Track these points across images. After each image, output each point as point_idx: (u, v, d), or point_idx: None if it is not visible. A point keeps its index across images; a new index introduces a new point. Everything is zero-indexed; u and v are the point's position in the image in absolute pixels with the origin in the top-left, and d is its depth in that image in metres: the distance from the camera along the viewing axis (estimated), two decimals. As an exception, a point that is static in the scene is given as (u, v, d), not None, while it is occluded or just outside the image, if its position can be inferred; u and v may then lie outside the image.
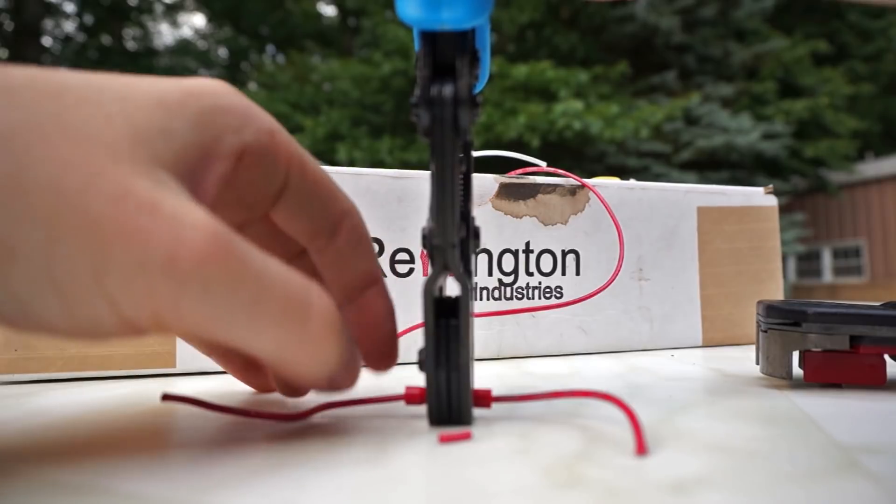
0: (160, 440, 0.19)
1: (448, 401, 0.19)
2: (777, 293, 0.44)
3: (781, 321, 0.26)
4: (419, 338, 0.23)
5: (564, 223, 0.38)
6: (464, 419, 0.19)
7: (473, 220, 0.22)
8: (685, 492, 0.14)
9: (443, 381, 0.19)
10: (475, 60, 0.19)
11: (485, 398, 0.20)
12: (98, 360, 0.30)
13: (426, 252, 0.19)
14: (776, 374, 0.26)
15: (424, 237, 0.19)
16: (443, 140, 0.18)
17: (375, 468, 0.16)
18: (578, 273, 0.38)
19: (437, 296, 0.19)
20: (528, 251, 0.37)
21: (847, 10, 8.02)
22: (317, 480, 0.15)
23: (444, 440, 0.18)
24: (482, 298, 0.36)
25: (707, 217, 0.42)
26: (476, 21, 0.17)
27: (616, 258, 0.38)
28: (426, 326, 0.19)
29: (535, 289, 0.37)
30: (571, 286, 0.38)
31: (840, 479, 0.15)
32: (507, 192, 0.37)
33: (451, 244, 0.19)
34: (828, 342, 0.25)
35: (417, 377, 0.20)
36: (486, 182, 0.37)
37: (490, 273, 0.36)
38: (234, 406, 0.21)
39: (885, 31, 8.32)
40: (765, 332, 0.27)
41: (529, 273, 0.37)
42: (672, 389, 0.26)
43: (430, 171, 0.18)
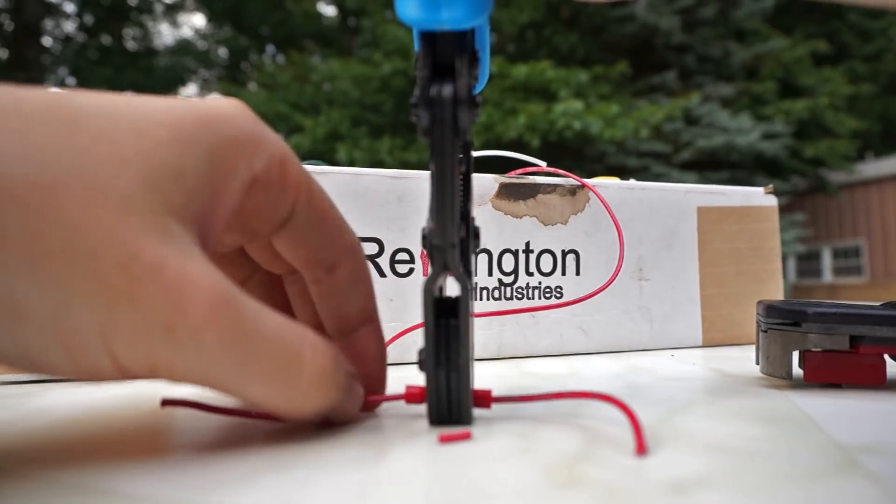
0: (160, 440, 0.19)
1: (448, 401, 0.19)
2: (777, 293, 0.44)
3: (781, 321, 0.26)
4: (419, 338, 0.23)
5: (564, 223, 0.38)
6: (464, 419, 0.20)
7: (473, 220, 0.22)
8: (685, 492, 0.14)
9: (443, 381, 0.19)
10: (474, 61, 0.19)
11: (485, 398, 0.20)
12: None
13: (426, 252, 0.19)
14: (776, 374, 0.26)
15: (424, 237, 0.19)
16: (442, 140, 0.18)
17: (375, 468, 0.16)
18: (578, 273, 0.38)
19: (437, 296, 0.19)
20: (528, 251, 0.37)
21: (847, 10, 8.01)
22: (317, 480, 0.15)
23: (444, 440, 0.18)
24: (482, 298, 0.36)
25: (707, 217, 0.42)
26: (476, 21, 0.17)
27: (616, 258, 0.38)
28: (426, 326, 0.19)
29: (535, 289, 0.37)
30: (571, 286, 0.38)
31: (840, 479, 0.15)
32: (507, 192, 0.37)
33: (451, 244, 0.19)
34: (828, 342, 0.25)
35: (417, 377, 0.20)
36: (486, 182, 0.37)
37: (490, 273, 0.36)
38: (234, 407, 0.21)
39: (886, 31, 8.32)
40: (765, 332, 0.27)
41: (529, 273, 0.37)
42: (672, 389, 0.26)
43: (430, 171, 0.18)
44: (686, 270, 0.41)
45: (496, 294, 0.37)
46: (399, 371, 0.29)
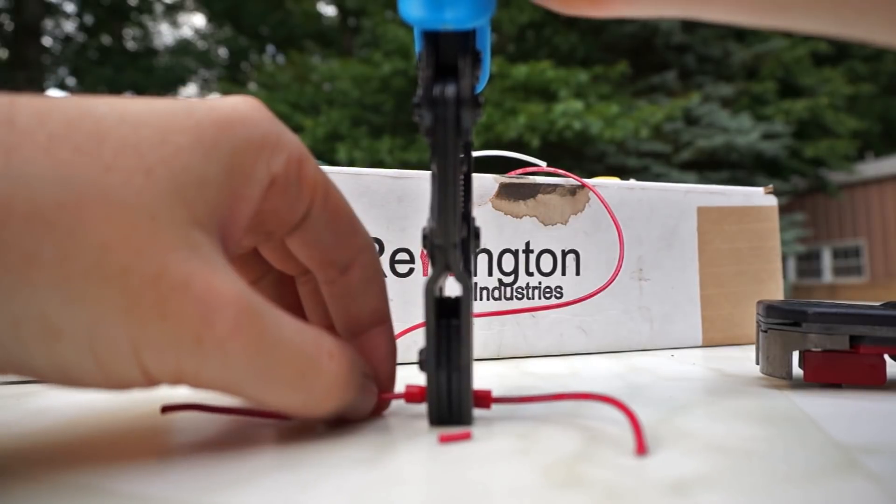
0: (161, 440, 0.19)
1: (448, 401, 0.19)
2: (777, 293, 0.44)
3: (781, 321, 0.26)
4: (419, 338, 0.23)
5: (564, 223, 0.38)
6: (464, 419, 0.20)
7: (474, 220, 0.22)
8: (685, 492, 0.14)
9: (443, 382, 0.19)
10: (477, 61, 0.19)
11: (485, 399, 0.20)
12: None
13: (427, 252, 0.19)
14: (776, 374, 0.26)
15: (425, 237, 0.19)
16: (445, 140, 0.18)
17: (376, 468, 0.16)
18: (578, 273, 0.38)
19: (438, 296, 0.19)
20: (528, 251, 0.37)
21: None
22: (318, 480, 0.15)
23: (444, 440, 0.18)
24: (482, 298, 0.36)
25: (707, 217, 0.42)
26: (479, 21, 0.17)
27: (616, 258, 0.38)
28: (427, 327, 0.19)
29: (535, 289, 0.37)
30: (571, 286, 0.38)
31: (840, 479, 0.15)
32: (507, 192, 0.37)
33: (453, 244, 0.19)
34: (828, 342, 0.25)
35: (417, 377, 0.20)
36: (486, 182, 0.37)
37: (490, 273, 0.36)
38: (235, 406, 0.21)
39: (885, 32, 8.30)
40: (765, 332, 0.27)
41: (529, 273, 0.37)
42: (672, 389, 0.26)
43: (432, 172, 0.18)
44: (686, 270, 0.41)
45: (496, 294, 0.37)
46: (399, 371, 0.29)
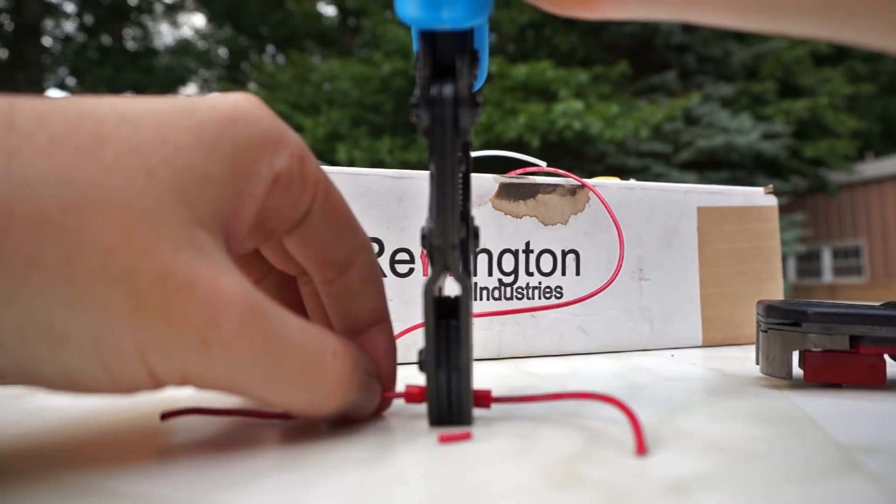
0: (162, 441, 0.19)
1: (448, 401, 0.19)
2: (777, 293, 0.44)
3: (781, 321, 0.26)
4: (419, 338, 0.23)
5: (564, 223, 0.38)
6: (464, 419, 0.19)
7: (473, 220, 0.22)
8: (685, 492, 0.14)
9: (443, 382, 0.19)
10: (475, 60, 0.19)
11: (485, 399, 0.20)
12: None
13: (426, 252, 0.19)
14: (776, 374, 0.26)
15: (424, 237, 0.19)
16: (443, 140, 0.18)
17: (376, 468, 0.16)
18: (578, 273, 0.38)
19: (438, 296, 0.19)
20: (528, 251, 0.37)
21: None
22: (318, 481, 0.15)
23: (444, 440, 0.18)
24: (482, 298, 0.36)
25: (707, 217, 0.42)
26: (476, 21, 0.17)
27: (616, 258, 0.38)
28: (426, 327, 0.19)
29: (535, 289, 0.37)
30: (571, 286, 0.38)
31: (840, 479, 0.15)
32: (507, 192, 0.37)
33: (452, 245, 0.19)
34: (828, 342, 0.25)
35: (417, 377, 0.20)
36: (486, 182, 0.37)
37: (490, 273, 0.36)
38: (234, 408, 0.21)
39: (885, 31, 8.30)
40: (765, 332, 0.27)
41: (529, 273, 0.37)
42: (672, 389, 0.26)
43: (430, 172, 0.18)
44: (686, 270, 0.41)
45: (496, 294, 0.37)
46: (399, 371, 0.29)
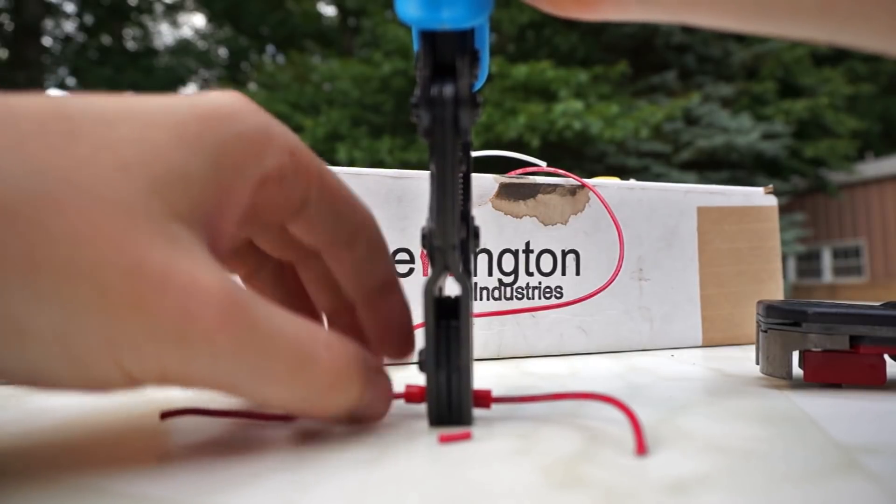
0: (162, 441, 0.19)
1: (448, 401, 0.19)
2: (777, 293, 0.44)
3: (781, 321, 0.26)
4: (419, 338, 0.23)
5: (564, 223, 0.38)
6: (464, 419, 0.19)
7: (473, 220, 0.22)
8: (685, 492, 0.14)
9: (443, 382, 0.19)
10: (475, 60, 0.19)
11: (485, 399, 0.20)
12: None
13: (426, 252, 0.19)
14: (776, 374, 0.26)
15: (424, 237, 0.19)
16: (443, 140, 0.18)
17: (376, 468, 0.16)
18: (578, 273, 0.38)
19: (438, 296, 0.19)
20: (528, 251, 0.37)
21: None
22: (318, 481, 0.15)
23: (444, 440, 0.18)
24: (482, 298, 0.36)
25: (707, 217, 0.42)
26: (476, 20, 0.17)
27: (616, 258, 0.38)
28: (427, 327, 0.19)
29: (535, 289, 0.37)
30: (571, 286, 0.38)
31: (840, 479, 0.15)
32: (507, 192, 0.37)
33: (452, 245, 0.19)
34: (828, 342, 0.25)
35: (417, 377, 0.20)
36: (486, 182, 0.37)
37: (490, 273, 0.36)
38: (234, 409, 0.21)
39: (885, 31, 8.30)
40: (765, 332, 0.27)
41: (529, 273, 0.37)
42: (672, 389, 0.26)
43: (430, 172, 0.18)
44: (686, 270, 0.41)
45: (496, 294, 0.37)
46: (399, 371, 0.29)
